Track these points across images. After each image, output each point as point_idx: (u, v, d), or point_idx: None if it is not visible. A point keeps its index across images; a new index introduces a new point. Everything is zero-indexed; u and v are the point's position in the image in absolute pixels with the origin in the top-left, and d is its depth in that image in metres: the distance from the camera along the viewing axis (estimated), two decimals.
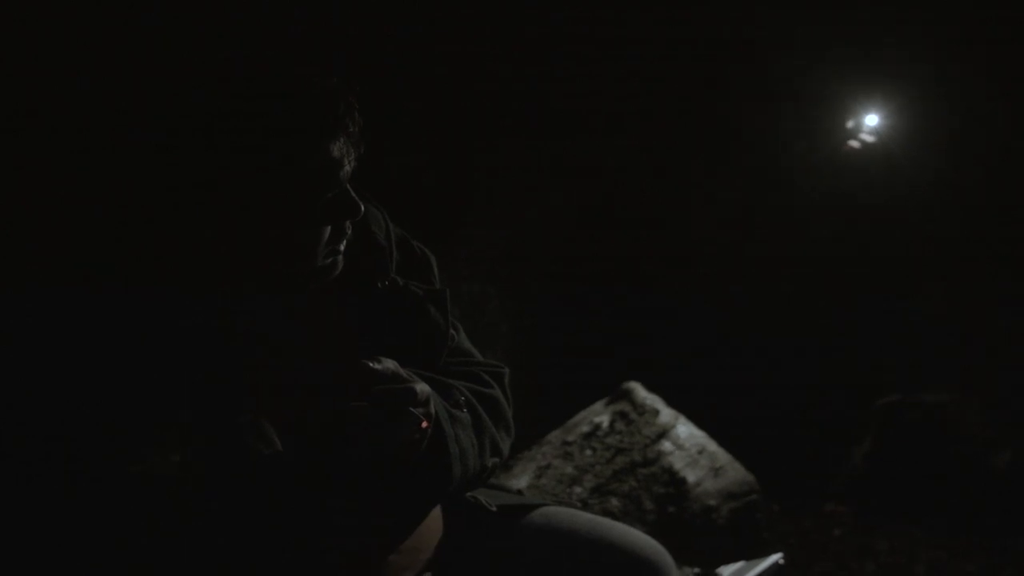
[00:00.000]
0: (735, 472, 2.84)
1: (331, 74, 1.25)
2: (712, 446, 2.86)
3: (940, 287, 3.85)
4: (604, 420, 2.89)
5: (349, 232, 1.35)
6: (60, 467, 1.16)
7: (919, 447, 3.46)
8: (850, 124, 3.55)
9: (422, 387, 1.27)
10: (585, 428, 2.89)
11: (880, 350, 3.85)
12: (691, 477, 2.77)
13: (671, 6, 3.47)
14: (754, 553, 2.81)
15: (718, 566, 2.22)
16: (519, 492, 1.74)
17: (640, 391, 2.95)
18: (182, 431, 1.19)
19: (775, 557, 2.19)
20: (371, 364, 1.22)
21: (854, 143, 3.54)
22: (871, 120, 3.51)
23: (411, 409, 1.23)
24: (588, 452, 2.81)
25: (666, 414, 2.88)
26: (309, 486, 1.24)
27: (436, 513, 1.48)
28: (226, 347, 1.25)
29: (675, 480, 2.75)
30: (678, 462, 2.77)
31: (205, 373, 1.22)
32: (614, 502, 2.68)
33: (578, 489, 2.69)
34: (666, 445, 2.80)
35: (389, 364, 1.24)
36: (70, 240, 1.26)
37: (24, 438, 1.17)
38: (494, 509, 1.52)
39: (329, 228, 1.31)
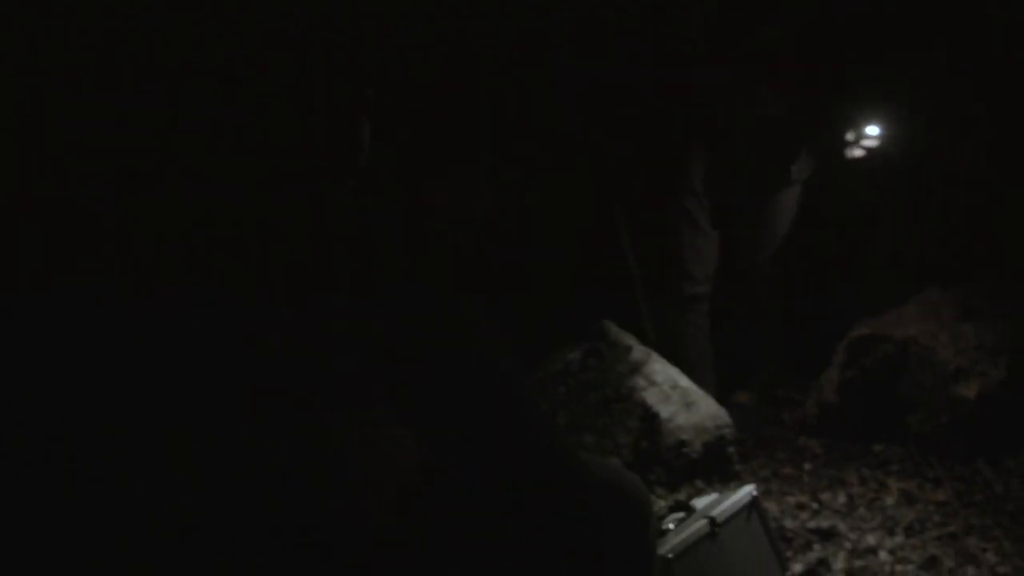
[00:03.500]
0: (707, 407, 2.86)
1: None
2: (684, 381, 2.88)
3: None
4: (577, 357, 2.89)
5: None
6: (60, 467, 1.17)
7: (889, 380, 3.49)
8: (850, 136, 3.58)
9: None
10: (558, 365, 2.89)
11: (851, 285, 3.87)
12: (664, 412, 2.78)
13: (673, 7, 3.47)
14: (728, 486, 2.84)
15: (692, 499, 2.25)
16: None
17: (612, 328, 2.95)
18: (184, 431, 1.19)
19: (748, 488, 2.22)
20: None
21: (857, 151, 3.56)
22: (872, 131, 3.54)
23: None
24: (562, 389, 2.82)
25: (639, 350, 2.89)
26: (310, 487, 1.24)
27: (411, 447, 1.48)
28: (240, 348, 1.24)
29: (648, 415, 2.76)
30: (651, 397, 2.79)
31: (214, 375, 1.21)
32: (588, 437, 2.69)
33: None
34: (639, 381, 2.82)
35: None
36: (70, 239, 1.25)
37: (24, 438, 1.17)
38: None
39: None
